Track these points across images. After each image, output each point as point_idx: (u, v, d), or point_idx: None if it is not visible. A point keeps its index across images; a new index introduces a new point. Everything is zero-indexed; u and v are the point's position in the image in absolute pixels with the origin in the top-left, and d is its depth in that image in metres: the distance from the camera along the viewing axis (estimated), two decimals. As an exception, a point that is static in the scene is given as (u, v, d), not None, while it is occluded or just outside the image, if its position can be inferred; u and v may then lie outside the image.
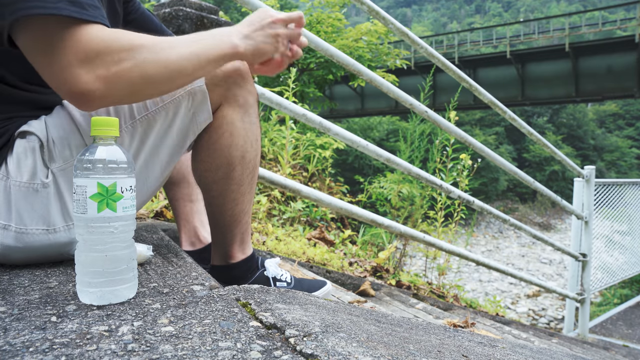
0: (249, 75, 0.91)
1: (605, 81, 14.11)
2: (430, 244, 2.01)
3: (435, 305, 2.17)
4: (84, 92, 0.62)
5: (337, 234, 3.02)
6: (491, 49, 20.95)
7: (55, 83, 0.64)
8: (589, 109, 34.24)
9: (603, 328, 4.13)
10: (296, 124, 3.84)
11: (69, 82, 0.62)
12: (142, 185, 0.86)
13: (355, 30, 6.55)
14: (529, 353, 0.88)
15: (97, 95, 0.63)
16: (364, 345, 0.55)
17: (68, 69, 0.61)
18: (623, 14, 29.95)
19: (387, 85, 1.88)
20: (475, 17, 71.66)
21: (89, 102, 0.64)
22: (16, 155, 0.75)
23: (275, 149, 3.41)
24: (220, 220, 0.98)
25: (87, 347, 0.47)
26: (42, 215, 0.75)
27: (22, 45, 0.64)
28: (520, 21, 27.45)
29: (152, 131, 0.83)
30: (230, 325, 0.57)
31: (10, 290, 0.65)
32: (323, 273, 1.93)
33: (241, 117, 0.91)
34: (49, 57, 0.62)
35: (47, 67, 0.63)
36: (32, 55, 0.63)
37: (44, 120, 0.78)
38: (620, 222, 4.53)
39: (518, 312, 9.50)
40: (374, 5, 1.87)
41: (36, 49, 0.63)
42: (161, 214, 1.85)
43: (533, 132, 2.72)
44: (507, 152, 26.20)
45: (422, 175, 1.95)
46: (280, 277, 1.06)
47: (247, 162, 0.94)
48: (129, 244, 0.63)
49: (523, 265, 14.50)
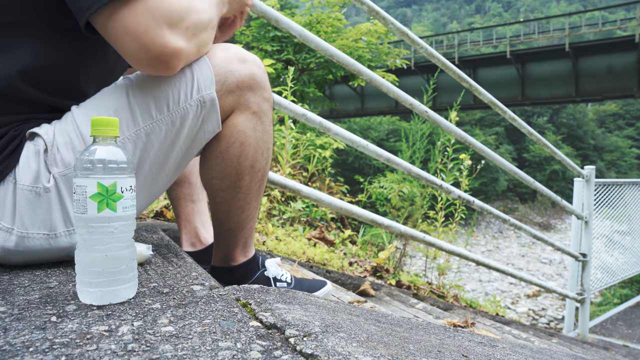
0: (265, 81, 0.88)
1: (605, 81, 14.11)
2: (430, 244, 2.01)
3: (435, 305, 2.17)
4: (174, 49, 0.72)
5: (337, 234, 3.02)
6: (491, 49, 20.96)
7: (144, 49, 0.70)
8: (589, 109, 34.24)
9: (603, 328, 4.13)
10: (296, 124, 3.84)
11: (158, 42, 0.70)
12: (147, 190, 0.84)
13: (355, 30, 6.55)
14: (529, 353, 0.88)
15: (185, 53, 0.75)
16: (364, 345, 0.55)
17: (156, 30, 0.70)
18: (623, 14, 29.95)
19: (387, 85, 1.88)
20: (475, 17, 71.65)
21: (177, 60, 0.74)
22: (24, 157, 0.75)
23: (275, 149, 3.41)
24: (224, 225, 0.97)
25: (87, 347, 0.47)
26: (43, 220, 0.75)
27: (104, 26, 0.71)
28: (520, 21, 27.45)
29: (157, 140, 0.80)
30: (230, 325, 0.57)
31: (10, 290, 0.65)
32: (323, 273, 1.93)
33: (253, 126, 0.88)
34: (134, 25, 0.69)
35: (133, 36, 0.70)
36: (115, 31, 0.70)
37: (53, 125, 0.78)
38: (620, 222, 4.54)
39: (518, 312, 9.50)
40: (374, 5, 1.87)
41: (119, 21, 0.69)
42: (161, 214, 1.85)
43: (533, 132, 2.72)
44: (507, 152, 26.20)
45: (422, 175, 1.95)
46: (280, 277, 1.06)
47: (256, 171, 0.91)
48: (129, 244, 0.63)
49: (523, 265, 14.50)
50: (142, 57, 0.72)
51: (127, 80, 0.81)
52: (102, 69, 0.86)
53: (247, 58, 0.86)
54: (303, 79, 6.83)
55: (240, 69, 0.84)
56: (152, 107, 0.79)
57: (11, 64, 0.74)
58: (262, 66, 0.89)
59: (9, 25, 0.73)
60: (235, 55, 0.85)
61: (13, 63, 0.74)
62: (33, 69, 0.75)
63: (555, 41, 18.82)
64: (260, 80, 0.87)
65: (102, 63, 0.85)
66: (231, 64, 0.84)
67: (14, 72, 0.74)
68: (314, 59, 6.34)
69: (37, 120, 0.79)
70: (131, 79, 0.81)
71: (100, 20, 0.70)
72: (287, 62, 6.42)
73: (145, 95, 0.79)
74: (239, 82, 0.84)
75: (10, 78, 0.74)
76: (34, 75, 0.76)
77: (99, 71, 0.86)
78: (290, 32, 1.61)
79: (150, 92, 0.79)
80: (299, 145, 3.54)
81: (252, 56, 0.88)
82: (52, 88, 0.79)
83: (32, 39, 0.75)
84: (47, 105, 0.80)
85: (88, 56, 0.82)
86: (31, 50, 0.75)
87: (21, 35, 0.74)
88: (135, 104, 0.78)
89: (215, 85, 0.82)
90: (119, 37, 0.70)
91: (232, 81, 0.84)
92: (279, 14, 1.56)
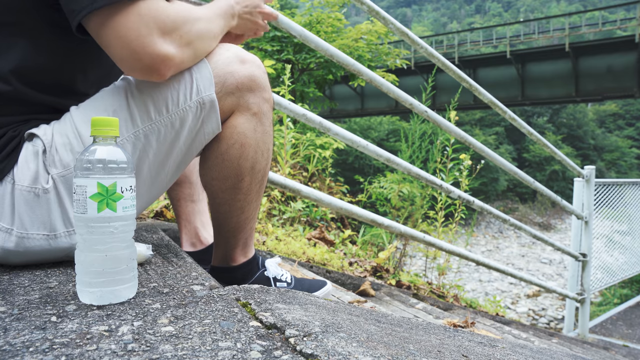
0: (265, 81, 0.88)
1: (605, 81, 14.11)
2: (430, 244, 2.01)
3: (435, 305, 2.17)
4: (165, 57, 0.72)
5: (337, 234, 3.02)
6: (491, 49, 20.96)
7: (134, 56, 0.70)
8: (589, 109, 34.24)
9: (603, 328, 4.13)
10: (295, 124, 3.84)
11: (150, 49, 0.70)
12: (146, 191, 0.84)
13: (355, 30, 6.55)
14: (529, 353, 0.88)
15: (177, 61, 0.74)
16: (364, 345, 0.55)
17: (147, 37, 0.70)
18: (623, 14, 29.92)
19: (387, 85, 1.88)
20: (475, 17, 71.65)
21: (167, 68, 0.74)
22: (22, 158, 0.75)
23: (274, 148, 3.40)
24: (224, 226, 0.97)
25: (87, 347, 0.47)
26: (42, 221, 0.75)
27: (96, 31, 0.71)
28: (520, 21, 27.43)
29: (156, 141, 0.80)
30: (230, 325, 0.57)
31: (10, 290, 0.65)
32: (323, 273, 1.93)
33: (254, 127, 0.87)
34: (125, 32, 0.69)
35: (124, 43, 0.70)
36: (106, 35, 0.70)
37: (52, 126, 0.78)
38: (620, 222, 4.54)
39: (518, 312, 9.50)
40: (374, 5, 1.86)
41: (111, 27, 0.69)
42: (161, 214, 1.85)
43: (533, 132, 2.72)
44: (507, 152, 26.20)
45: (422, 175, 1.95)
46: (280, 277, 1.06)
47: (256, 172, 0.91)
48: (129, 244, 0.63)
49: (523, 265, 14.49)
50: (133, 64, 0.71)
51: (126, 82, 0.80)
52: (100, 70, 0.86)
53: (246, 59, 0.86)
54: (303, 79, 6.83)
55: (240, 70, 0.84)
56: (151, 108, 0.79)
57: (8, 62, 0.74)
58: (262, 67, 0.88)
59: (6, 25, 0.74)
60: (235, 56, 0.85)
61: (9, 62, 0.74)
62: (29, 68, 0.76)
63: (555, 41, 18.83)
64: (260, 81, 0.86)
65: (99, 64, 0.85)
66: (231, 65, 0.84)
67: (9, 71, 0.74)
68: (314, 59, 6.34)
69: (36, 121, 0.79)
70: (130, 80, 0.80)
71: (93, 24, 0.70)
72: (287, 62, 6.42)
73: (144, 97, 0.79)
74: (238, 84, 0.84)
75: (6, 78, 0.74)
76: (30, 75, 0.76)
77: (97, 72, 0.85)
78: (290, 32, 1.61)
79: (149, 94, 0.79)
80: (299, 145, 3.54)
81: (252, 57, 0.87)
82: (49, 88, 0.79)
83: (29, 39, 0.75)
84: (46, 106, 0.80)
85: (85, 57, 0.82)
86: (27, 50, 0.75)
87: (17, 35, 0.74)
88: (134, 106, 0.78)
89: (214, 86, 0.82)
90: (110, 42, 0.70)
91: (231, 82, 0.83)
92: (279, 14, 1.56)
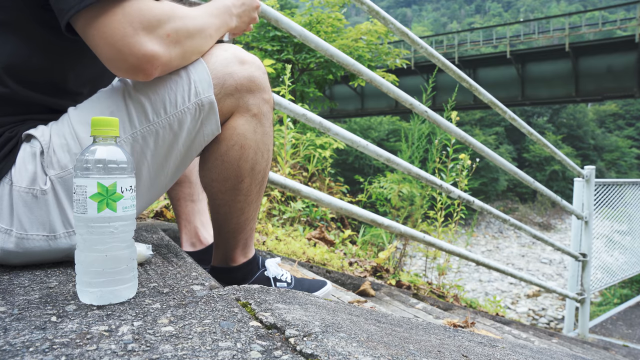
0: (265, 82, 0.87)
1: (605, 81, 14.11)
2: (430, 244, 2.01)
3: (435, 305, 2.17)
4: (151, 56, 0.70)
5: (337, 234, 3.02)
6: (491, 49, 20.95)
7: (119, 56, 0.69)
8: (589, 109, 34.23)
9: (603, 328, 4.13)
10: (295, 124, 3.84)
11: (135, 49, 0.69)
12: (145, 192, 0.84)
13: (355, 30, 6.55)
14: (529, 353, 0.88)
15: (163, 60, 0.73)
16: (364, 345, 0.55)
17: (133, 37, 0.69)
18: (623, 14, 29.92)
19: (387, 85, 1.88)
20: (475, 17, 71.63)
21: (153, 67, 0.72)
22: (20, 159, 0.75)
23: (274, 148, 3.40)
24: (224, 227, 0.96)
25: (87, 347, 0.47)
26: (42, 222, 0.75)
27: (83, 30, 0.70)
28: (520, 21, 27.41)
29: (155, 143, 0.80)
30: (230, 325, 0.57)
31: (10, 290, 0.65)
32: (323, 273, 1.93)
33: (254, 129, 0.87)
34: (111, 31, 0.68)
35: (109, 42, 0.69)
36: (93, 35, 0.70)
37: (50, 127, 0.78)
38: (620, 222, 4.54)
39: (518, 312, 9.50)
40: (374, 5, 1.86)
41: (96, 27, 0.69)
42: (161, 214, 1.85)
43: (533, 132, 2.72)
44: (507, 152, 26.20)
45: (422, 175, 1.95)
46: (280, 277, 1.06)
47: (256, 173, 0.91)
48: (129, 244, 0.63)
49: (523, 265, 14.49)
50: (119, 64, 0.71)
51: (123, 83, 0.80)
52: (93, 69, 0.85)
53: (246, 59, 0.85)
54: (303, 79, 6.83)
55: (239, 71, 0.83)
56: (148, 110, 0.78)
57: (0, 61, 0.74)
58: (262, 67, 0.88)
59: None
60: (234, 56, 0.84)
61: (1, 61, 0.74)
62: (21, 67, 0.75)
63: (555, 41, 18.83)
64: (260, 82, 0.86)
65: (92, 63, 0.84)
66: (230, 66, 0.83)
67: (2, 69, 0.74)
68: (314, 59, 6.34)
69: (33, 122, 0.79)
70: (127, 81, 0.80)
71: (80, 24, 0.70)
72: (287, 62, 6.42)
73: (141, 99, 0.78)
74: (237, 85, 0.83)
75: (0, 78, 0.74)
76: (23, 74, 0.76)
77: (89, 71, 0.85)
78: (290, 32, 1.61)
79: (146, 95, 0.78)
80: (299, 145, 3.54)
81: (252, 57, 0.87)
82: (42, 87, 0.79)
83: (21, 38, 0.75)
84: (41, 106, 0.80)
85: (77, 56, 0.81)
86: (19, 49, 0.75)
87: (10, 33, 0.74)
88: (132, 107, 0.78)
89: (213, 88, 0.81)
90: (96, 42, 0.70)
91: (230, 84, 0.83)
92: (279, 13, 1.56)
